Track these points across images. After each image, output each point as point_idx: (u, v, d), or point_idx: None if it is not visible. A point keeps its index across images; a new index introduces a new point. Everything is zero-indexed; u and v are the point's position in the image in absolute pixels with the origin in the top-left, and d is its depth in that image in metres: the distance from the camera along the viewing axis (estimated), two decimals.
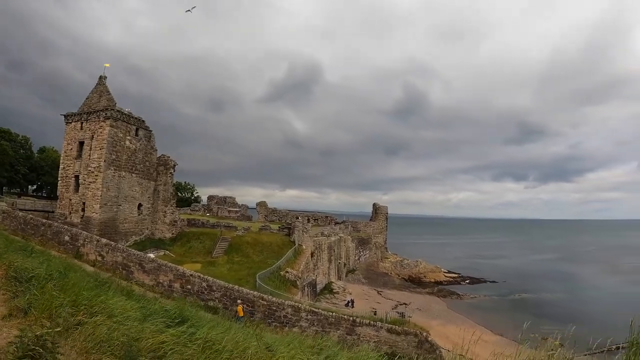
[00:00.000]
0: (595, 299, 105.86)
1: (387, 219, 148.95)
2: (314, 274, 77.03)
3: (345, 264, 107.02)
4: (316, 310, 42.41)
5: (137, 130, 66.40)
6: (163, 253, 62.61)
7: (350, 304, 74.17)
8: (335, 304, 73.46)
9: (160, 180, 71.98)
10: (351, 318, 42.16)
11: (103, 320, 9.46)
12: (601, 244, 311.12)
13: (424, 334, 41.84)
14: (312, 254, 77.63)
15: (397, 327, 41.89)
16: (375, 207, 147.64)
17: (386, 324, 41.97)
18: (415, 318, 76.69)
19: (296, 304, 42.74)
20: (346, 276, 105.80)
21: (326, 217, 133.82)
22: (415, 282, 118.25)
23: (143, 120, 68.05)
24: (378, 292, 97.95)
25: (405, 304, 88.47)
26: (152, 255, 51.69)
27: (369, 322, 41.91)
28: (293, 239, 75.05)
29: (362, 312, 57.80)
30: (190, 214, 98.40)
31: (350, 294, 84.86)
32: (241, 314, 38.19)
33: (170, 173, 73.06)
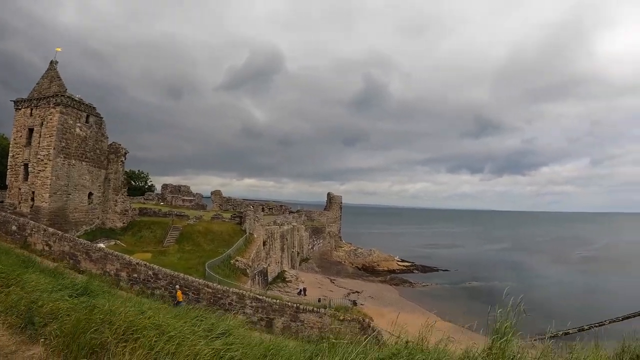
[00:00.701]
0: (543, 287, 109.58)
1: (341, 208, 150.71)
2: (265, 262, 77.64)
3: (298, 253, 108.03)
4: (260, 297, 43.22)
5: (87, 117, 65.37)
6: (114, 243, 62.16)
7: (302, 292, 75.00)
8: (288, 292, 74.16)
9: (111, 169, 71.26)
10: (295, 305, 43.09)
11: (15, 291, 11.41)
12: (552, 235, 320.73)
13: (367, 320, 43.00)
14: (264, 243, 78.20)
15: (340, 313, 42.94)
16: (329, 196, 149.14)
17: (329, 311, 42.97)
18: (368, 306, 78.73)
19: (241, 291, 43.62)
20: (300, 265, 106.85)
21: (281, 206, 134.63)
22: (368, 271, 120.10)
23: (94, 107, 67.12)
24: (331, 280, 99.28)
25: (358, 292, 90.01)
26: (102, 245, 51.61)
27: (313, 309, 42.91)
28: (244, 228, 75.40)
29: (313, 300, 59.02)
30: (144, 203, 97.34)
31: (303, 282, 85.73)
32: (180, 298, 38.99)
33: (121, 161, 72.37)
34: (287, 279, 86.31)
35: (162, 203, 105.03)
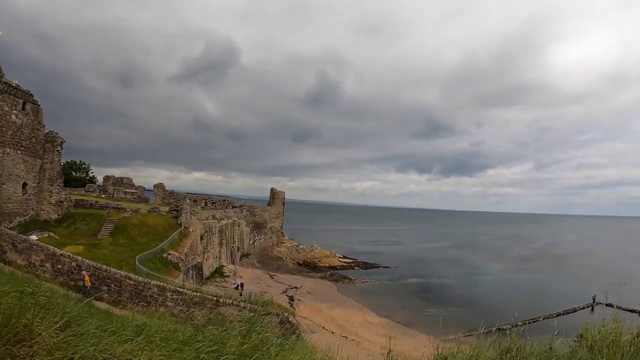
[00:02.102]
0: (481, 284, 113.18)
1: (284, 204, 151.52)
2: (203, 257, 78.12)
3: (239, 248, 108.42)
4: (181, 290, 43.99)
5: (24, 104, 64.06)
6: (47, 235, 61.35)
7: (239, 287, 75.52)
8: (225, 287, 74.84)
9: (47, 158, 70.06)
10: (215, 298, 43.93)
11: None
12: (494, 234, 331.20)
13: (286, 314, 44.13)
14: (201, 237, 78.56)
15: (260, 307, 44.04)
16: (272, 192, 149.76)
17: (249, 304, 43.99)
18: (305, 301, 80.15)
19: (162, 283, 44.37)
20: (240, 260, 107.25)
21: (224, 200, 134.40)
22: (309, 267, 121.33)
23: (31, 94, 65.85)
24: (270, 276, 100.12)
25: (296, 287, 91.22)
26: (34, 237, 51.33)
27: (232, 302, 43.88)
28: (180, 222, 75.66)
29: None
30: (85, 195, 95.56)
31: (241, 277, 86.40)
32: (88, 284, 39.83)
33: (58, 151, 71.20)
34: (225, 274, 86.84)
35: (103, 195, 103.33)
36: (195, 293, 44.08)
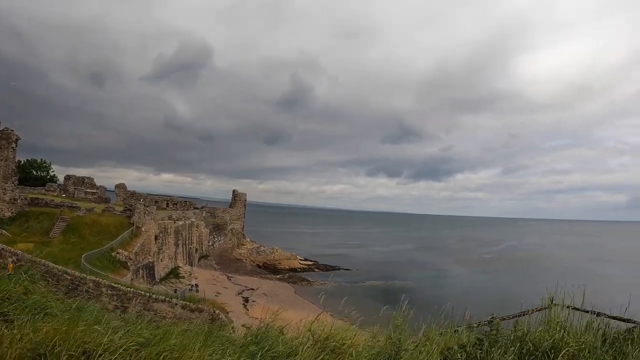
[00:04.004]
0: (442, 286, 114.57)
1: (245, 206, 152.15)
2: (157, 257, 78.58)
3: (197, 249, 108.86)
4: (115, 285, 44.66)
5: None
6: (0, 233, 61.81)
7: (194, 288, 76.23)
8: (180, 288, 75.35)
9: (1, 156, 69.93)
10: (147, 294, 44.86)
11: None
12: (460, 237, 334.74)
13: (217, 311, 45.14)
14: (156, 237, 79.10)
15: (191, 304, 45.14)
16: (234, 193, 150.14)
17: (181, 301, 45.08)
18: (259, 302, 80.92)
19: (97, 279, 45.04)
20: (199, 261, 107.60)
21: (185, 202, 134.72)
22: (269, 269, 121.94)
23: None
24: (228, 277, 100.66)
25: (253, 289, 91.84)
26: None
27: (165, 299, 44.83)
28: (133, 221, 76.08)
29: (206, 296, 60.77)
30: (45, 194, 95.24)
31: (196, 278, 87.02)
32: (10, 270, 40.87)
33: (12, 148, 70.85)
34: (180, 275, 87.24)
35: (64, 195, 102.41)
36: (129, 289, 44.74)
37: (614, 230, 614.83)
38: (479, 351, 7.75)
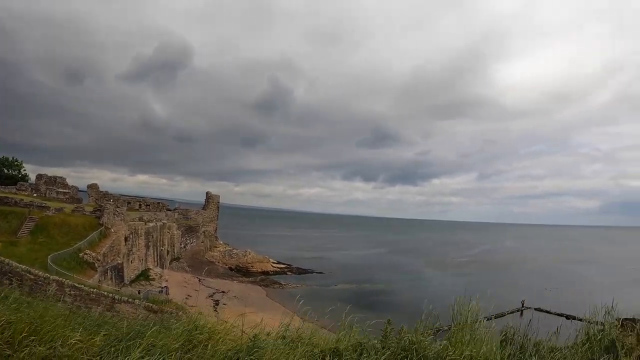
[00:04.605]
0: (415, 289, 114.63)
1: (218, 208, 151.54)
2: (127, 259, 77.94)
3: (169, 252, 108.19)
4: (78, 286, 44.17)
5: None
6: None
7: (164, 290, 75.73)
8: (150, 290, 74.87)
9: None
10: (111, 295, 44.50)
11: None
12: (435, 241, 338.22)
13: (180, 312, 44.90)
14: (126, 239, 78.50)
15: (154, 305, 44.87)
16: (207, 195, 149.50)
17: (144, 302, 44.80)
18: (230, 305, 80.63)
19: (61, 279, 44.51)
20: (170, 264, 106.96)
21: (158, 203, 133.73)
22: (241, 272, 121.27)
23: None
24: (199, 280, 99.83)
25: (224, 292, 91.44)
26: None
27: (128, 300, 44.55)
28: (102, 222, 75.35)
29: (176, 299, 60.49)
30: (16, 193, 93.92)
31: (167, 280, 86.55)
32: None
33: None
34: (150, 277, 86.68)
35: (35, 194, 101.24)
36: (92, 289, 44.36)
37: (587, 235, 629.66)
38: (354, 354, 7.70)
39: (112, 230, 75.85)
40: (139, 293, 57.13)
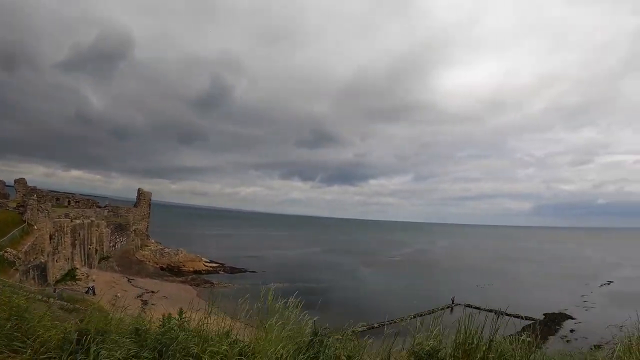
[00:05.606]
0: (349, 288, 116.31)
1: (150, 205, 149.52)
2: (52, 257, 75.93)
3: (97, 250, 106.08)
4: None
5: None
6: None
7: (91, 291, 74.32)
8: (76, 290, 73.26)
9: None
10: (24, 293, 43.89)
11: None
12: (371, 240, 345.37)
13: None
14: (51, 237, 76.80)
15: (69, 304, 44.54)
16: (139, 192, 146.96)
17: (58, 301, 44.44)
18: (158, 305, 79.70)
19: None
20: (99, 263, 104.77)
21: (88, 199, 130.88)
22: (173, 271, 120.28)
23: None
24: (129, 280, 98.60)
25: (153, 292, 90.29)
26: None
27: (41, 299, 44.11)
28: (25, 218, 73.41)
29: (103, 299, 59.50)
30: None
31: (94, 281, 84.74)
32: None
33: None
34: (77, 277, 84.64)
35: None
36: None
37: (519, 234, 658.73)
38: None
39: (36, 227, 74.05)
40: (54, 292, 56.05)
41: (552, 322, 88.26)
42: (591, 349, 10.18)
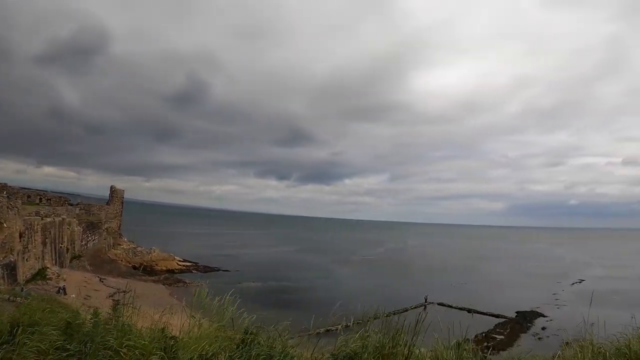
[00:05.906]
0: (321, 287, 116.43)
1: (123, 203, 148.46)
2: (22, 257, 75.28)
3: (68, 249, 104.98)
4: None
5: None
6: None
7: (61, 291, 73.69)
8: (47, 290, 72.66)
9: None
10: None
11: None
12: (345, 239, 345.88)
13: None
14: (21, 235, 75.85)
15: (38, 303, 44.27)
16: (111, 190, 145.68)
17: (18, 299, 44.29)
18: (131, 305, 79.28)
19: None
20: (70, 262, 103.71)
21: (59, 197, 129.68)
22: (145, 271, 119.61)
23: None
24: (100, 279, 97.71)
25: (125, 291, 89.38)
26: None
27: (8, 298, 43.82)
28: None
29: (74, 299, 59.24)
30: None
31: (65, 280, 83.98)
32: None
33: None
34: (47, 277, 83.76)
35: None
36: None
37: (493, 234, 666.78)
38: None
39: (5, 225, 73.03)
40: (22, 290, 55.59)
41: (525, 319, 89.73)
42: (560, 346, 10.37)
